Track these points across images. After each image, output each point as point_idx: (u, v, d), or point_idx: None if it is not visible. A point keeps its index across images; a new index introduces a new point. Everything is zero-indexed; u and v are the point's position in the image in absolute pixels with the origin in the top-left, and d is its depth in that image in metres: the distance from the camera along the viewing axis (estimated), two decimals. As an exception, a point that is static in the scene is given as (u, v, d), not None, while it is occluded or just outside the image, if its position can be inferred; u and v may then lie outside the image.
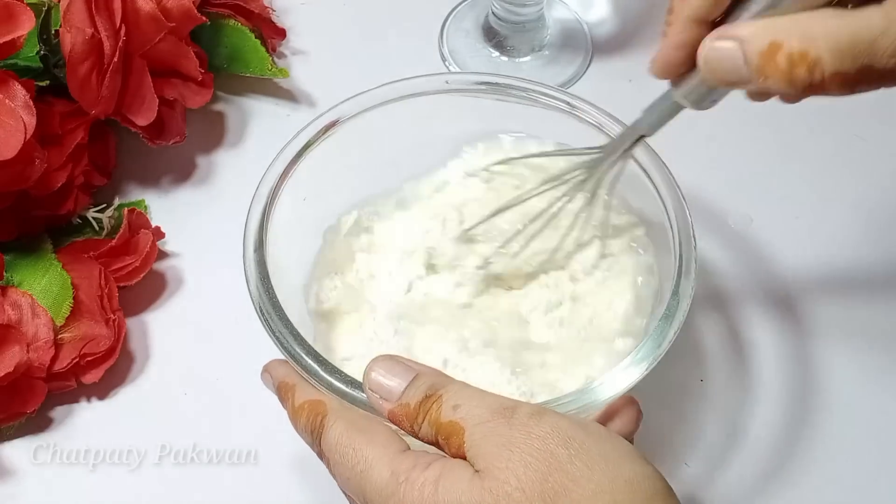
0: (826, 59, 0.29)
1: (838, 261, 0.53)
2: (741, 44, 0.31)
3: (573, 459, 0.29)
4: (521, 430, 0.30)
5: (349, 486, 0.33)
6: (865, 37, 0.28)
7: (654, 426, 0.46)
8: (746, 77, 0.31)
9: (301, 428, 0.36)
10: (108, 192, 0.54)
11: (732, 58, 0.31)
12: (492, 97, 0.46)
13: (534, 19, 0.62)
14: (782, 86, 0.30)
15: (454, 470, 0.30)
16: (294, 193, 0.43)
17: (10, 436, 0.46)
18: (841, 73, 0.29)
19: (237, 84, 0.59)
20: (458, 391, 0.33)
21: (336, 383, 0.36)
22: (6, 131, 0.43)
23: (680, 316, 0.38)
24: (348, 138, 0.45)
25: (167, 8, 0.51)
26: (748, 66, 0.31)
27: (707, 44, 0.32)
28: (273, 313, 0.38)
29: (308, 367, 0.36)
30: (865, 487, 0.45)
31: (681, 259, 0.40)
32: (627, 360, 0.37)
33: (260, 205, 0.41)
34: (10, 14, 0.45)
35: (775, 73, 0.30)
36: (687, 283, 0.39)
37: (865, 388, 0.48)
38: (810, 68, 0.29)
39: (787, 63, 0.29)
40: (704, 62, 0.32)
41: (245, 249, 0.40)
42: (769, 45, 0.30)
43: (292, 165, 0.43)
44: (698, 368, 0.48)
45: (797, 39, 0.29)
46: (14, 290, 0.45)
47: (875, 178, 0.56)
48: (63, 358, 0.45)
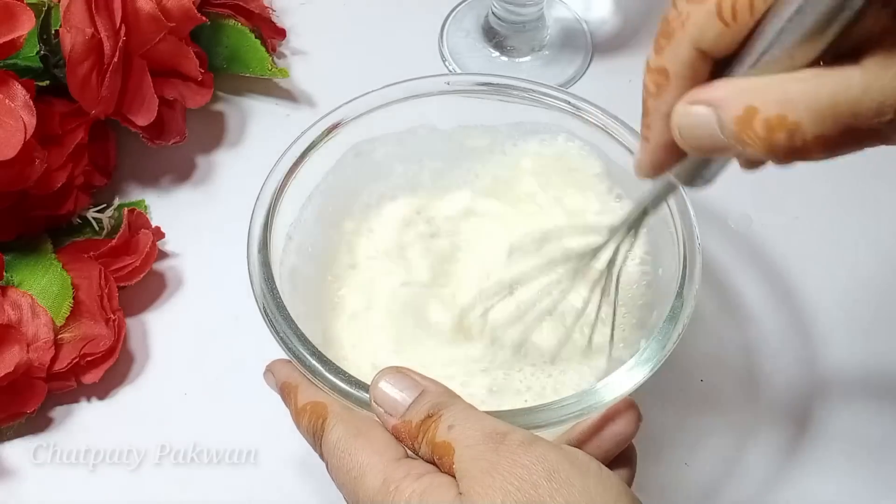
0: (806, 122, 0.26)
1: (838, 261, 0.53)
2: (715, 109, 0.28)
3: (554, 494, 0.29)
4: (507, 457, 0.30)
5: (345, 490, 0.33)
6: (846, 97, 0.26)
7: (653, 426, 0.46)
8: (724, 144, 0.28)
9: (303, 429, 0.36)
10: (108, 192, 0.54)
11: (707, 125, 0.28)
12: (493, 98, 0.46)
13: (534, 19, 0.62)
14: (762, 153, 0.27)
15: (441, 487, 0.30)
16: (298, 194, 0.43)
17: (10, 436, 0.46)
18: (823, 137, 0.27)
19: (237, 84, 0.59)
20: (458, 412, 0.32)
21: (340, 384, 0.36)
22: (6, 131, 0.43)
23: (684, 318, 0.38)
24: (351, 139, 0.45)
25: (167, 8, 0.51)
26: (724, 133, 0.28)
27: (679, 109, 0.29)
28: (277, 314, 0.38)
29: (312, 367, 0.36)
30: (866, 487, 0.45)
31: (685, 261, 0.40)
32: (632, 362, 0.37)
33: (264, 205, 0.41)
34: (10, 14, 0.45)
35: (754, 139, 0.27)
36: (691, 286, 0.39)
37: (867, 387, 0.48)
38: (790, 133, 0.27)
39: (764, 129, 0.27)
40: (678, 130, 0.30)
41: (249, 249, 0.40)
42: (745, 109, 0.27)
43: (297, 166, 0.43)
44: (698, 368, 0.48)
45: (774, 103, 0.27)
46: (14, 290, 0.45)
47: (876, 179, 0.56)
48: (63, 358, 0.45)
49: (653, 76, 0.30)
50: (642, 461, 0.45)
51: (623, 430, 0.36)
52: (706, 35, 0.28)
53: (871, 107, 0.26)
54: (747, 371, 0.48)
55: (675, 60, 0.29)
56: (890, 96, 0.26)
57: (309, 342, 0.37)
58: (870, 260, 0.53)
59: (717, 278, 0.52)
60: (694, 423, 0.47)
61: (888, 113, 0.26)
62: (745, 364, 0.49)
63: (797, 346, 0.49)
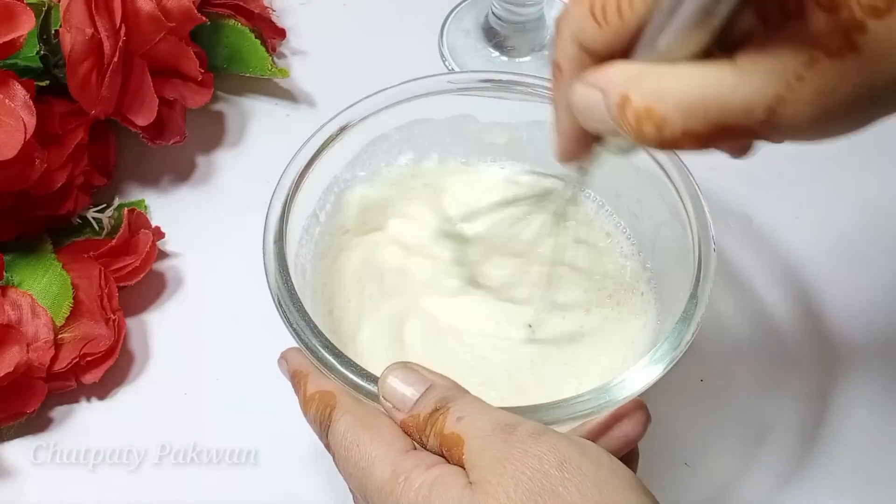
0: (674, 117, 0.26)
1: (838, 261, 0.53)
2: (603, 92, 0.28)
3: (566, 483, 0.29)
4: (518, 447, 0.30)
5: (352, 481, 0.33)
6: (715, 95, 0.26)
7: (654, 426, 0.46)
8: (614, 128, 0.28)
9: (311, 418, 0.36)
10: (108, 192, 0.54)
11: (598, 107, 0.28)
12: (495, 95, 0.46)
13: (534, 19, 0.62)
14: (636, 142, 0.27)
15: (451, 477, 0.30)
16: (310, 191, 0.43)
17: (10, 436, 0.46)
18: (693, 132, 0.26)
19: (237, 84, 0.59)
20: (466, 404, 0.32)
21: (351, 376, 0.36)
22: (6, 131, 0.43)
23: (697, 318, 0.38)
24: (360, 138, 0.45)
25: (167, 8, 0.51)
26: (611, 117, 0.28)
27: (576, 89, 0.30)
28: (291, 305, 0.38)
29: (324, 359, 0.36)
30: (867, 488, 0.45)
31: (700, 261, 0.40)
32: (645, 360, 0.37)
33: (281, 197, 0.41)
34: (10, 14, 0.45)
35: (626, 128, 0.27)
36: (706, 286, 0.39)
37: (868, 386, 0.48)
38: (658, 127, 0.26)
39: (635, 119, 0.27)
40: (575, 110, 0.30)
41: (265, 241, 0.40)
42: (621, 97, 0.27)
43: (315, 158, 0.43)
44: (698, 368, 0.48)
45: (647, 94, 0.27)
46: (14, 290, 0.45)
47: (876, 179, 0.56)
48: (63, 358, 0.45)
49: (552, 69, 0.32)
50: (643, 461, 0.45)
51: (631, 430, 0.36)
52: (585, 33, 0.29)
53: (740, 106, 0.25)
54: (747, 370, 0.48)
55: (563, 56, 0.31)
56: (759, 96, 0.25)
57: (322, 334, 0.37)
58: (871, 259, 0.53)
59: (716, 278, 0.52)
60: (694, 423, 0.47)
61: (758, 112, 0.25)
62: (744, 364, 0.49)
63: (797, 346, 0.49)
